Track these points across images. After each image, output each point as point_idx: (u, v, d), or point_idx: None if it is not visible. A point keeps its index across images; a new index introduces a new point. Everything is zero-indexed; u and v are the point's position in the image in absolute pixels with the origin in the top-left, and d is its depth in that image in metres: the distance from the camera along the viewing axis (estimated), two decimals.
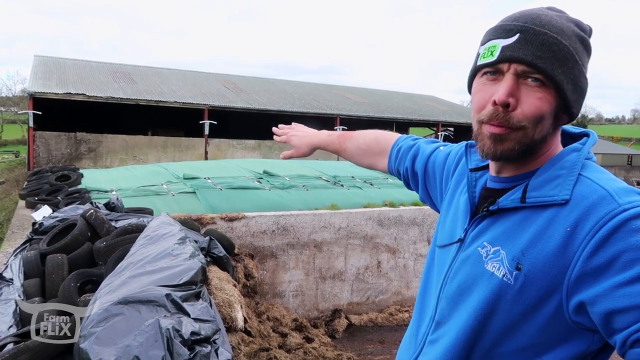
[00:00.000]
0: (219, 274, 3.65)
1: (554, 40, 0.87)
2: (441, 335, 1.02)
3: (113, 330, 2.01)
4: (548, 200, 0.88)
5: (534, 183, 0.91)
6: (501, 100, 0.88)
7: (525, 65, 0.87)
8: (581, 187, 0.86)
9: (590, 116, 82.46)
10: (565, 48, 0.87)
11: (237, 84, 25.11)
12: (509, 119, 0.89)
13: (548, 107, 0.88)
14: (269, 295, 5.77)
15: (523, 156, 0.93)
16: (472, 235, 1.00)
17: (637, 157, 36.74)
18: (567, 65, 0.87)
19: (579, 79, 0.90)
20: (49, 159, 16.23)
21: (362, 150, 1.55)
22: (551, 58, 0.86)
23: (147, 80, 21.77)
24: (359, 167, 9.29)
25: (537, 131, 0.90)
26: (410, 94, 33.01)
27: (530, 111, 0.88)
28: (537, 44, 0.87)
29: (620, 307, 0.75)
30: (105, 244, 3.53)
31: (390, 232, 6.46)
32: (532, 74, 0.87)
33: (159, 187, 6.67)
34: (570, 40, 0.88)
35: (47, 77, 18.78)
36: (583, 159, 0.91)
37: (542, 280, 0.85)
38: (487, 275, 0.93)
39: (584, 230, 0.81)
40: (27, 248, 3.80)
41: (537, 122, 0.89)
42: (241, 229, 5.54)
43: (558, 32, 0.88)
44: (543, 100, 0.88)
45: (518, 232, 0.90)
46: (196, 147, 19.24)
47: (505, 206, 0.94)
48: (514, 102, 0.88)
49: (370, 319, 6.18)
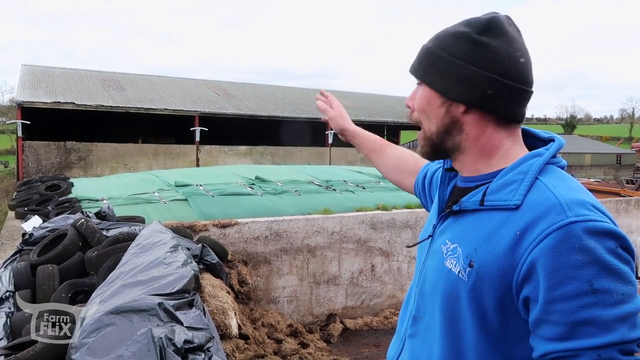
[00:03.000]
0: (212, 281, 3.63)
1: (422, 49, 1.06)
2: (419, 329, 1.07)
3: (105, 340, 1.99)
4: (502, 205, 0.92)
5: (493, 186, 0.96)
6: (405, 104, 1.11)
7: (410, 73, 1.08)
8: (535, 193, 0.90)
9: (579, 116, 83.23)
10: (426, 51, 1.04)
11: (228, 90, 25.09)
12: (413, 118, 1.09)
13: (424, 100, 1.04)
14: (263, 301, 5.74)
15: (439, 152, 1.06)
16: (438, 232, 1.07)
17: (625, 156, 37.15)
18: (428, 62, 1.03)
19: (446, 68, 0.99)
20: (38, 169, 16.09)
21: (400, 161, 1.53)
22: (418, 63, 1.06)
23: (137, 88, 21.69)
24: (350, 172, 9.32)
25: (430, 123, 1.04)
26: (401, 97, 33.15)
27: (416, 106, 1.07)
28: (416, 57, 1.07)
29: (548, 320, 0.82)
30: (97, 253, 3.49)
31: (384, 235, 6.47)
32: (416, 78, 1.07)
33: (151, 195, 6.63)
34: (438, 41, 1.02)
35: (36, 87, 18.64)
36: (542, 163, 0.94)
37: (492, 278, 0.89)
38: (445, 271, 0.99)
39: (532, 235, 0.85)
40: (17, 259, 3.75)
41: (424, 114, 1.04)
42: (234, 236, 5.52)
43: (431, 41, 1.04)
44: (420, 96, 1.05)
45: (473, 230, 0.95)
46: (187, 154, 19.18)
47: (466, 207, 0.99)
48: (412, 103, 1.08)
49: (365, 322, 6.17)
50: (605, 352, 0.78)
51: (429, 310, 1.04)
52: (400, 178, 1.52)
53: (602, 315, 0.78)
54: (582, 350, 0.79)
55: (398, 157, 1.53)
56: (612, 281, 0.79)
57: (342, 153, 22.28)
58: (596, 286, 0.79)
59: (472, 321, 0.93)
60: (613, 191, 10.64)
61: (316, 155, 21.24)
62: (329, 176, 8.32)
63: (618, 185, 12.55)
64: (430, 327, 1.03)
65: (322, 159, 21.17)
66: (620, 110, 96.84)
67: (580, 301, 0.79)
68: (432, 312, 1.02)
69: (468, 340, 0.94)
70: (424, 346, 1.05)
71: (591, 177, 28.68)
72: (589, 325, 0.79)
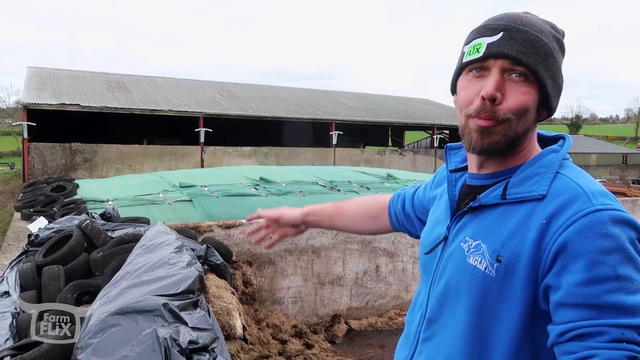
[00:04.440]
0: (216, 282, 3.63)
1: (535, 37, 0.92)
2: (436, 332, 1.04)
3: (110, 341, 1.99)
4: (527, 196, 0.91)
5: (515, 180, 0.95)
6: (489, 94, 0.91)
7: (510, 60, 0.91)
8: (558, 183, 0.90)
9: (584, 116, 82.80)
10: (545, 45, 0.92)
11: (232, 91, 25.14)
12: (496, 112, 0.92)
13: (531, 100, 0.93)
14: (268, 302, 5.74)
15: (508, 149, 0.96)
16: (454, 232, 1.03)
17: (632, 156, 36.92)
18: (547, 61, 0.92)
19: (557, 75, 0.95)
20: (44, 170, 16.18)
21: (363, 210, 1.47)
22: (534, 54, 0.91)
23: (142, 90, 21.77)
24: (355, 172, 9.31)
25: (521, 124, 0.93)
26: (405, 98, 33.11)
27: (515, 104, 0.92)
28: (520, 40, 0.91)
29: (572, 302, 0.81)
30: (102, 254, 3.51)
31: (388, 235, 6.45)
32: (516, 69, 0.92)
33: (155, 196, 6.65)
34: (548, 38, 0.93)
35: (41, 88, 18.75)
36: (561, 159, 0.95)
37: (522, 270, 0.88)
38: (469, 269, 0.96)
39: (558, 223, 0.85)
40: (23, 260, 3.77)
41: (521, 115, 0.93)
42: (238, 236, 5.52)
43: (538, 31, 0.93)
44: (527, 94, 0.92)
45: (497, 226, 0.94)
46: (192, 155, 19.23)
47: (487, 202, 0.97)
48: (500, 97, 0.92)
49: (370, 323, 6.16)
50: (629, 332, 0.78)
51: (447, 312, 1.01)
52: (374, 224, 1.47)
53: (626, 301, 0.78)
54: (607, 326, 0.78)
55: (358, 207, 1.49)
56: (633, 270, 0.80)
57: (347, 154, 22.28)
58: (620, 272, 0.79)
59: (501, 318, 0.91)
60: (619, 191, 10.59)
61: (320, 156, 21.24)
62: (333, 177, 8.31)
63: (624, 185, 12.48)
64: (448, 329, 1.00)
65: (326, 160, 21.16)
66: (626, 110, 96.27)
67: (606, 286, 0.79)
68: (453, 313, 0.99)
69: (495, 339, 0.92)
70: (441, 348, 1.02)
71: (597, 177, 28.53)
72: (613, 309, 0.78)
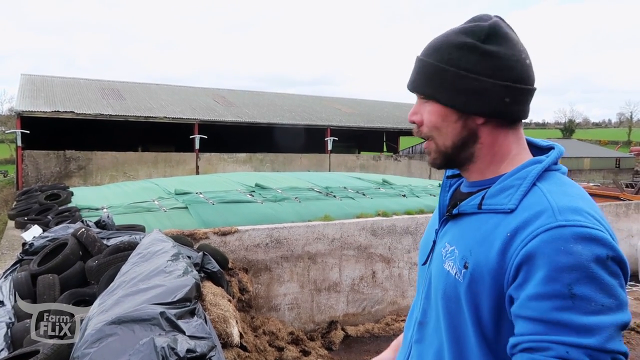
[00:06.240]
0: (213, 290, 3.62)
1: (422, 63, 1.02)
2: (425, 334, 1.07)
3: (107, 350, 1.98)
4: (498, 209, 0.94)
5: (492, 191, 0.97)
6: (409, 120, 1.07)
7: (411, 91, 1.06)
8: (530, 198, 0.91)
9: (577, 121, 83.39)
10: (430, 65, 1.00)
11: (227, 97, 25.14)
12: (421, 133, 1.06)
13: (436, 117, 1.02)
14: (264, 309, 5.72)
15: (451, 162, 1.05)
16: (439, 236, 1.09)
17: (624, 159, 37.18)
18: (435, 78, 1.00)
19: (458, 82, 0.97)
20: (38, 178, 16.09)
21: None
22: (422, 79, 1.02)
23: (136, 96, 21.73)
24: (350, 178, 9.32)
25: (444, 138, 1.02)
26: (400, 103, 33.22)
27: (426, 123, 1.04)
28: (415, 71, 1.05)
29: (525, 315, 0.83)
30: (97, 262, 3.49)
31: (384, 241, 6.46)
32: (419, 95, 1.04)
33: (151, 203, 6.63)
34: (441, 54, 0.99)
35: (35, 96, 18.68)
36: (542, 169, 0.95)
37: (486, 279, 0.90)
38: (444, 273, 1.00)
39: (521, 237, 0.86)
40: (17, 269, 3.74)
41: (437, 131, 1.02)
42: (234, 243, 5.51)
43: (428, 53, 1.02)
44: (431, 113, 1.02)
45: (470, 233, 0.97)
46: (187, 162, 19.19)
47: (465, 211, 1.01)
48: (419, 119, 1.05)
49: (367, 329, 6.14)
50: (574, 351, 0.77)
51: (434, 315, 1.04)
52: None
53: (577, 320, 0.78)
54: (553, 343, 0.78)
55: None
56: (593, 290, 0.78)
57: (342, 159, 22.30)
58: (575, 291, 0.78)
59: (470, 324, 0.93)
60: (612, 195, 10.65)
61: (316, 162, 21.26)
62: (329, 183, 8.31)
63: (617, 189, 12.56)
64: (436, 331, 1.03)
65: (321, 166, 21.18)
66: (618, 114, 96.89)
67: (557, 302, 0.79)
68: (437, 316, 1.02)
69: (469, 343, 0.94)
70: (430, 350, 1.04)
71: (590, 181, 28.71)
72: (562, 326, 0.78)
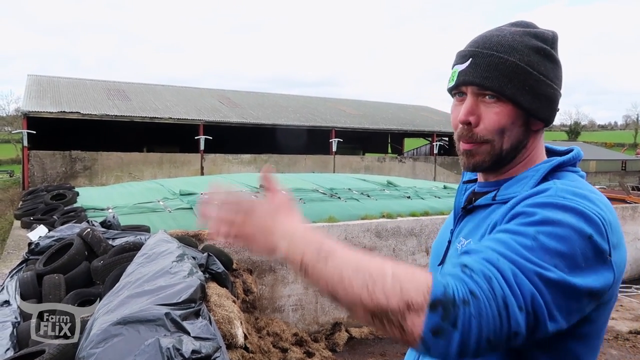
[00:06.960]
0: (218, 291, 3.62)
1: (499, 60, 0.95)
2: None
3: (113, 351, 1.99)
4: (511, 197, 0.95)
5: (506, 184, 1.00)
6: (461, 120, 0.98)
7: (477, 87, 0.96)
8: (541, 186, 0.92)
9: (583, 123, 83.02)
10: (513, 65, 0.94)
11: (232, 98, 25.19)
12: (474, 135, 0.98)
13: (506, 119, 0.96)
14: (269, 310, 5.72)
15: (497, 165, 1.01)
16: (455, 234, 1.08)
17: (631, 162, 36.98)
18: (518, 79, 0.94)
19: (538, 86, 0.95)
20: (44, 178, 16.17)
21: None
22: (499, 77, 0.94)
23: (142, 97, 21.81)
24: (355, 180, 9.30)
25: (505, 141, 0.97)
26: (404, 105, 33.19)
27: (490, 125, 0.96)
28: (484, 66, 0.96)
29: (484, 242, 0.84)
30: (103, 263, 3.50)
31: (389, 243, 6.45)
32: (486, 93, 0.96)
33: (156, 203, 6.65)
34: (521, 54, 0.95)
35: (41, 96, 18.78)
36: (557, 163, 0.97)
37: None
38: None
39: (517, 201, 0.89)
40: (23, 269, 3.76)
41: (500, 134, 0.97)
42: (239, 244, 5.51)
43: (505, 50, 0.95)
44: (500, 114, 0.96)
45: (483, 223, 0.98)
46: (192, 162, 19.23)
47: (479, 204, 1.03)
48: (475, 119, 0.97)
49: (371, 331, 6.13)
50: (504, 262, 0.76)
51: None
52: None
53: (524, 252, 0.76)
54: (489, 249, 0.79)
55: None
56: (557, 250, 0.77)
57: (347, 161, 22.30)
58: (541, 239, 0.77)
59: None
60: (619, 198, 10.58)
61: (320, 163, 21.26)
62: (334, 184, 8.31)
63: (624, 191, 12.48)
64: None
65: (326, 167, 21.18)
66: (624, 117, 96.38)
67: (516, 237, 0.79)
68: None
69: None
70: None
71: (596, 183, 28.56)
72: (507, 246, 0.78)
